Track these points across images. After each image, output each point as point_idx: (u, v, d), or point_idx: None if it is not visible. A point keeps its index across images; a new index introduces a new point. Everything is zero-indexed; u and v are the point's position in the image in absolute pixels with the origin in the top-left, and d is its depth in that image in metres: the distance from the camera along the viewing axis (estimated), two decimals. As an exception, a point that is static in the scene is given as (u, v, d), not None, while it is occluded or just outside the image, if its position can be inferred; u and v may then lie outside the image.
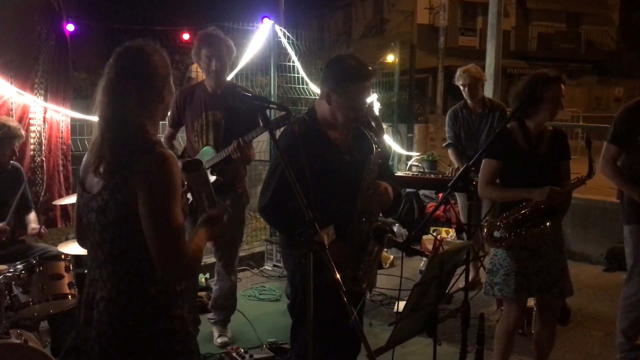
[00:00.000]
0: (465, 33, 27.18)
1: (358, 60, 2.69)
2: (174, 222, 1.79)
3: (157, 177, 1.78)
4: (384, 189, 2.67)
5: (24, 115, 4.53)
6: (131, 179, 1.79)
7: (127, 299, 1.87)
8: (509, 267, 3.22)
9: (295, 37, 6.51)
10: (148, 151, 1.81)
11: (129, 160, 1.81)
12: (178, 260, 1.80)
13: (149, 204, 1.78)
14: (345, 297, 1.86)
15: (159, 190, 1.78)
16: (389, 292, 5.11)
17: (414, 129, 9.84)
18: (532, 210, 3.12)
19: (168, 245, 1.79)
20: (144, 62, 1.90)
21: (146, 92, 1.90)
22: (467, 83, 5.01)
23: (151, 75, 1.90)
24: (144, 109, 1.90)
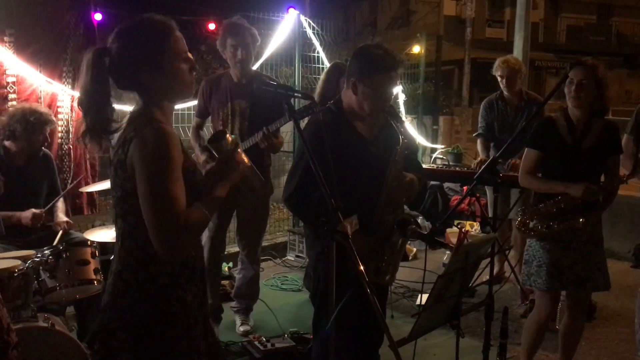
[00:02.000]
0: (493, 25, 26.80)
1: (385, 49, 2.66)
2: (168, 197, 1.73)
3: (152, 151, 1.74)
4: (410, 181, 2.65)
5: (52, 103, 4.61)
6: (129, 154, 1.78)
7: (130, 275, 1.85)
8: (541, 258, 3.19)
9: (320, 28, 6.48)
10: (145, 126, 1.78)
11: (129, 136, 1.80)
12: (173, 233, 1.74)
13: (143, 178, 1.75)
14: (368, 288, 1.85)
15: (153, 165, 1.74)
16: (412, 285, 5.09)
17: (439, 121, 9.77)
18: (567, 204, 3.08)
19: (160, 220, 1.73)
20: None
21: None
22: (505, 74, 4.90)
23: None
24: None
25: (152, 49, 1.82)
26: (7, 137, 3.71)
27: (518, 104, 4.99)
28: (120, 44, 1.83)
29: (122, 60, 1.82)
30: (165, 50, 1.83)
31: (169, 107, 1.93)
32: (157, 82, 1.84)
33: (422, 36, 8.45)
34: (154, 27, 1.85)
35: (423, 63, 8.45)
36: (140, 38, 1.83)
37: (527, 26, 7.94)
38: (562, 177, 3.12)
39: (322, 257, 2.62)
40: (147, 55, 1.82)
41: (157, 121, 1.81)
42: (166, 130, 1.79)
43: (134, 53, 1.82)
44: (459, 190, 7.21)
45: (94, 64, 1.81)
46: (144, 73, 1.82)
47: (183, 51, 1.87)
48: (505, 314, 3.09)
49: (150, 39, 1.83)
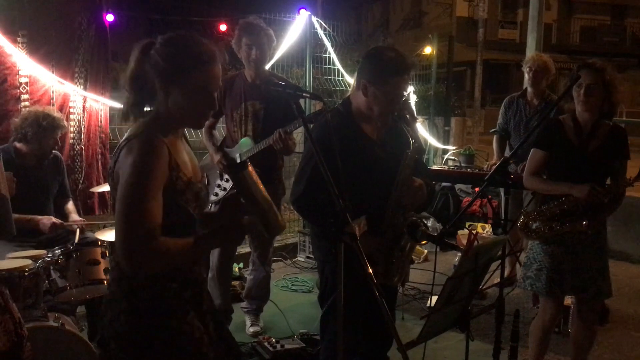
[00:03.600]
0: (505, 26, 26.69)
1: (397, 52, 2.64)
2: (139, 212, 1.69)
3: (134, 162, 1.72)
4: (419, 186, 2.64)
5: (65, 103, 4.63)
6: (118, 162, 1.78)
7: (117, 287, 1.85)
8: (542, 262, 3.16)
9: (332, 29, 6.48)
10: (137, 136, 1.77)
11: (122, 144, 1.79)
12: (133, 253, 1.69)
13: (120, 188, 1.73)
14: (376, 290, 1.84)
15: (132, 177, 1.71)
16: (422, 287, 5.06)
17: (450, 123, 9.71)
18: (570, 206, 3.04)
19: (126, 232, 1.69)
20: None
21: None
22: (534, 67, 4.81)
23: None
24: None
25: (185, 66, 1.80)
26: (18, 139, 3.74)
27: (538, 105, 4.92)
28: (165, 45, 1.82)
29: (159, 61, 1.81)
30: (199, 77, 1.81)
31: (176, 127, 1.90)
32: (176, 96, 1.82)
33: (434, 37, 8.41)
34: (199, 49, 1.83)
35: (435, 64, 8.41)
36: (182, 50, 1.82)
37: (540, 27, 7.87)
38: (567, 179, 3.08)
39: (329, 259, 2.61)
40: (179, 68, 1.80)
41: (151, 133, 1.78)
42: (154, 143, 1.76)
43: (173, 63, 1.80)
44: (470, 191, 7.17)
45: (141, 57, 1.83)
46: (171, 84, 1.81)
47: (213, 87, 1.86)
48: (517, 317, 3.06)
49: (189, 57, 1.81)
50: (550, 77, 4.94)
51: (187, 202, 1.85)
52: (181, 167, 1.85)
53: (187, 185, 1.85)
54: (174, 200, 1.80)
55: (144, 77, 1.83)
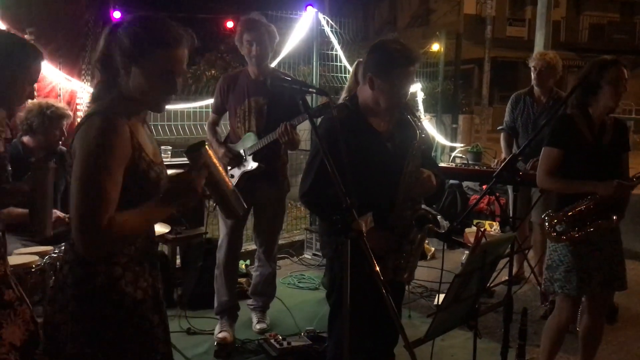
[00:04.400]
0: (514, 23, 26.54)
1: (402, 44, 2.63)
2: (95, 191, 1.66)
3: (92, 140, 1.69)
4: (427, 177, 2.62)
5: (72, 100, 4.64)
6: (75, 140, 1.75)
7: (68, 270, 1.81)
8: (570, 263, 3.10)
9: (339, 26, 6.46)
10: (96, 113, 1.75)
11: (82, 122, 1.78)
12: (91, 232, 1.65)
13: (76, 167, 1.70)
14: (383, 287, 1.83)
15: (89, 155, 1.68)
16: (429, 285, 5.05)
17: (458, 120, 9.68)
18: (595, 204, 3.01)
19: (81, 213, 1.66)
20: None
21: None
22: (538, 66, 4.78)
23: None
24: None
25: (152, 49, 1.78)
26: (24, 132, 3.75)
27: (546, 102, 4.88)
28: (131, 26, 1.80)
29: (124, 40, 1.78)
30: (162, 57, 1.79)
31: (138, 110, 1.88)
32: (137, 78, 1.80)
33: (441, 35, 8.38)
34: (165, 32, 1.82)
35: (442, 62, 8.38)
36: (149, 33, 1.80)
37: (548, 24, 7.82)
38: (585, 175, 3.05)
39: (338, 255, 2.60)
40: (144, 50, 1.78)
41: (111, 111, 1.76)
42: (114, 121, 1.73)
43: (136, 41, 1.78)
44: (478, 189, 7.14)
45: (107, 38, 1.81)
46: (134, 63, 1.78)
47: (176, 71, 1.83)
48: (525, 315, 3.04)
49: (156, 40, 1.79)
50: (557, 75, 4.90)
51: (149, 183, 1.83)
52: (143, 148, 1.82)
53: (149, 165, 1.83)
54: (137, 180, 1.78)
55: (111, 57, 1.80)
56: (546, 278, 3.24)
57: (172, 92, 1.87)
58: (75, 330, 1.78)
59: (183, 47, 1.84)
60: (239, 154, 3.84)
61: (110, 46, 1.80)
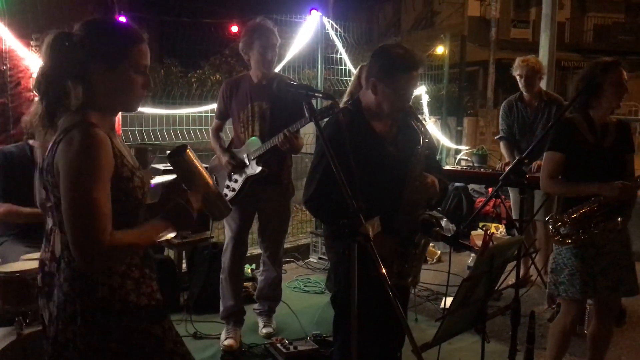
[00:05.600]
0: (518, 25, 26.49)
1: (406, 49, 2.63)
2: (89, 205, 1.62)
3: (76, 154, 1.64)
4: (431, 182, 2.61)
5: (78, 106, 4.65)
6: (56, 157, 1.70)
7: (69, 287, 1.77)
8: (574, 266, 3.09)
9: (343, 29, 6.46)
10: (74, 127, 1.70)
11: (59, 138, 1.72)
12: (89, 249, 1.62)
13: (65, 184, 1.65)
14: (391, 291, 1.82)
15: (76, 170, 1.64)
16: (436, 288, 5.03)
17: (463, 123, 9.67)
18: (600, 206, 3.00)
19: (78, 229, 1.63)
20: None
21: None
22: (524, 74, 4.83)
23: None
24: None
25: (113, 47, 1.77)
26: (30, 135, 3.75)
27: (538, 105, 4.92)
28: (85, 31, 1.78)
29: (81, 47, 1.75)
30: (126, 54, 1.78)
31: (108, 117, 1.85)
32: (106, 82, 1.78)
33: (446, 37, 8.38)
34: (124, 30, 1.83)
35: (447, 64, 8.38)
36: (107, 33, 1.79)
37: (553, 26, 7.80)
38: (587, 177, 3.04)
39: (343, 259, 2.60)
40: (106, 51, 1.76)
41: (88, 124, 1.72)
42: (95, 132, 1.69)
43: (95, 44, 1.76)
44: (483, 192, 7.13)
45: (55, 46, 1.76)
46: (97, 68, 1.76)
47: (143, 65, 1.82)
48: (532, 319, 3.02)
49: (116, 38, 1.79)
50: (542, 75, 4.97)
51: (135, 190, 1.80)
52: (124, 154, 1.80)
53: (131, 172, 1.80)
54: (121, 188, 1.75)
55: (60, 72, 1.76)
56: (551, 281, 3.22)
57: (148, 86, 1.86)
58: (83, 346, 1.75)
59: (143, 42, 1.83)
60: (242, 161, 3.83)
61: (60, 60, 1.75)
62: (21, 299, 2.92)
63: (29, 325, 2.89)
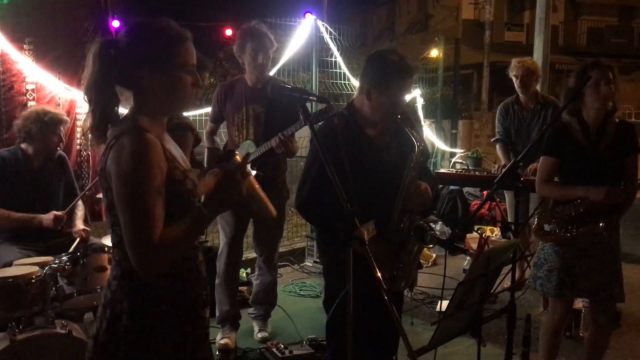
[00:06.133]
0: (512, 28, 26.61)
1: (400, 56, 2.62)
2: (142, 209, 1.65)
3: (128, 160, 1.66)
4: (425, 189, 2.61)
5: (71, 110, 4.64)
6: (108, 162, 1.72)
7: (117, 285, 1.80)
8: (553, 263, 3.12)
9: (338, 33, 6.47)
10: (126, 133, 1.71)
11: (111, 143, 1.73)
12: (145, 250, 1.65)
13: (118, 189, 1.68)
14: (386, 295, 1.81)
15: (129, 175, 1.66)
16: (431, 291, 5.02)
17: (458, 126, 9.69)
18: (586, 209, 3.00)
19: (133, 234, 1.66)
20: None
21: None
22: (520, 74, 4.82)
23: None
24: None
25: (160, 49, 1.77)
26: (23, 139, 3.74)
27: (534, 108, 4.91)
28: (130, 37, 1.78)
29: (128, 53, 1.76)
30: (173, 55, 1.78)
31: (159, 121, 1.84)
32: (156, 85, 1.78)
33: (440, 40, 8.39)
34: (168, 30, 1.80)
35: (441, 67, 8.39)
36: (152, 36, 1.79)
37: (547, 29, 7.83)
38: (581, 181, 3.04)
39: (335, 264, 2.59)
40: (153, 54, 1.76)
41: (140, 128, 1.73)
42: (146, 137, 1.70)
43: (142, 48, 1.76)
44: (479, 195, 7.14)
45: (101, 55, 1.75)
46: (146, 72, 1.76)
47: (191, 63, 1.82)
48: (528, 322, 3.01)
49: (162, 40, 1.78)
50: (539, 78, 4.97)
51: (188, 192, 1.81)
52: (175, 158, 1.81)
53: (184, 174, 1.81)
54: (173, 191, 1.76)
55: (109, 80, 1.76)
56: (531, 275, 3.26)
57: (198, 84, 1.86)
58: (126, 346, 1.77)
59: (188, 41, 1.83)
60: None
61: (110, 65, 1.75)
62: (14, 304, 2.91)
63: (22, 331, 2.87)
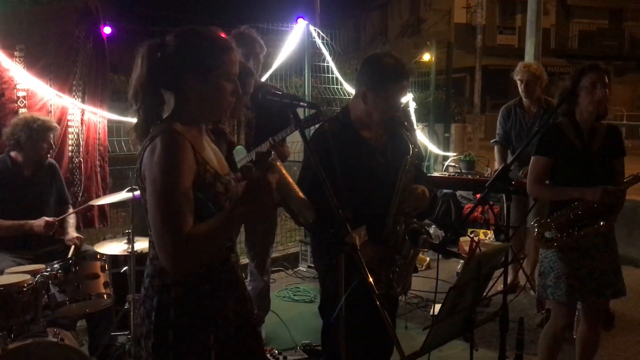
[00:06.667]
0: (504, 31, 26.74)
1: (396, 59, 2.64)
2: (171, 209, 1.68)
3: (159, 160, 1.71)
4: (422, 192, 2.62)
5: (63, 116, 4.62)
6: (143, 163, 1.77)
7: (150, 284, 1.84)
8: (560, 269, 3.11)
9: (330, 38, 6.48)
10: (159, 134, 1.76)
11: (145, 145, 1.78)
12: (173, 247, 1.67)
13: (149, 188, 1.72)
14: (378, 300, 1.81)
15: (159, 175, 1.70)
16: (426, 295, 5.02)
17: (450, 129, 9.71)
18: (584, 210, 3.02)
19: (162, 232, 1.69)
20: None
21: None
22: (525, 79, 4.80)
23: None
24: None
25: (206, 56, 1.82)
26: (12, 147, 3.73)
27: (536, 112, 4.90)
28: (179, 42, 1.83)
29: (174, 56, 1.81)
30: (218, 63, 1.83)
31: (194, 129, 1.86)
32: (198, 90, 1.83)
33: (432, 44, 8.42)
34: (216, 39, 1.87)
35: (434, 71, 8.41)
36: (200, 42, 1.84)
37: (538, 32, 7.87)
38: (574, 182, 3.07)
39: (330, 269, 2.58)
40: (200, 60, 1.82)
41: (172, 130, 1.77)
42: (176, 138, 1.75)
43: (189, 53, 1.82)
44: (472, 198, 7.15)
45: (149, 56, 1.81)
46: (190, 77, 1.81)
47: (233, 72, 1.87)
48: (521, 325, 3.03)
49: (209, 47, 1.84)
50: (543, 83, 4.93)
51: (218, 195, 1.84)
52: (207, 161, 1.84)
53: (215, 177, 1.83)
54: (205, 193, 1.79)
55: (156, 82, 1.82)
56: (539, 285, 3.25)
57: (237, 94, 1.90)
58: (155, 342, 1.80)
59: (233, 51, 1.88)
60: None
61: (155, 68, 1.80)
62: (6, 313, 2.88)
63: (14, 340, 2.85)
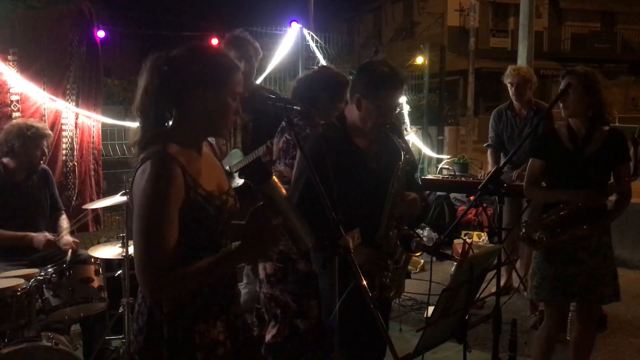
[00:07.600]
0: (497, 34, 26.88)
1: (391, 67, 2.67)
2: (154, 235, 1.67)
3: (147, 184, 1.69)
4: (413, 199, 2.64)
5: (56, 120, 4.62)
6: (133, 184, 1.77)
7: (141, 298, 1.84)
8: (545, 270, 3.16)
9: (324, 41, 6.50)
10: (150, 156, 1.74)
11: (137, 165, 1.78)
12: (152, 275, 1.67)
13: (135, 214, 1.71)
14: (372, 303, 1.82)
15: (146, 199, 1.69)
16: (420, 297, 5.04)
17: (444, 132, 9.75)
18: (569, 212, 3.04)
19: (142, 257, 1.67)
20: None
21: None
22: (514, 82, 4.84)
23: None
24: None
25: (217, 74, 1.84)
26: (5, 154, 3.71)
27: (527, 114, 4.93)
28: (190, 56, 1.84)
29: (186, 70, 1.81)
30: (226, 81, 1.85)
31: (188, 150, 1.83)
32: (204, 105, 1.83)
33: (425, 47, 8.46)
34: (225, 58, 1.90)
35: (427, 74, 8.45)
36: (211, 60, 1.86)
37: (530, 35, 7.91)
38: (566, 185, 3.09)
39: (325, 272, 2.60)
40: (210, 77, 1.82)
41: (164, 155, 1.74)
42: (168, 165, 1.72)
43: (200, 70, 1.82)
44: (465, 200, 7.17)
45: (158, 67, 1.80)
46: (200, 91, 1.81)
47: (238, 92, 1.90)
48: (514, 326, 3.04)
49: (219, 66, 1.86)
50: (533, 86, 4.96)
51: (209, 218, 1.81)
52: (199, 183, 1.80)
53: (207, 199, 1.81)
54: (194, 218, 1.77)
55: (163, 92, 1.80)
56: (530, 285, 3.30)
57: (239, 113, 1.93)
58: (140, 357, 1.82)
59: (240, 72, 1.92)
60: (227, 171, 3.83)
61: (161, 81, 1.79)
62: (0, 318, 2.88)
63: (8, 345, 2.84)
